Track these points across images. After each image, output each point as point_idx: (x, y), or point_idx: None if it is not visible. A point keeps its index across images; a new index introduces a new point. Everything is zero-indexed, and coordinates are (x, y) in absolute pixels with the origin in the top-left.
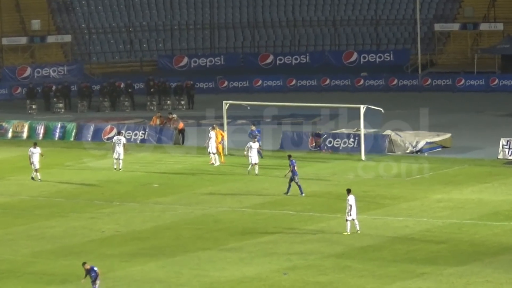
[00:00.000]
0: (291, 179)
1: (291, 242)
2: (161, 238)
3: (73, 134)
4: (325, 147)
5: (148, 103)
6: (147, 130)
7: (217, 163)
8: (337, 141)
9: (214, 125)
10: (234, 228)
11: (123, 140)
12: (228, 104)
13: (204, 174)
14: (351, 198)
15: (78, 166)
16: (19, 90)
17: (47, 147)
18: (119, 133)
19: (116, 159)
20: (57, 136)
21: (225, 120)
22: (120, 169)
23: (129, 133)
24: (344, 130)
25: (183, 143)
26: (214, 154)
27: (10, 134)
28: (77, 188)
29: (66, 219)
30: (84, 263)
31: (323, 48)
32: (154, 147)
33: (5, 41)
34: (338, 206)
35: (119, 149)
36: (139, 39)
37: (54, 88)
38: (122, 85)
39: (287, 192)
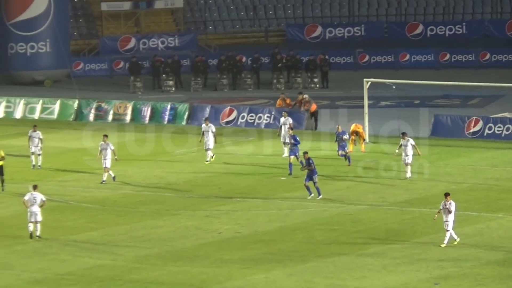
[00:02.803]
0: (313, 181)
1: (443, 247)
2: (289, 241)
3: (185, 117)
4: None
5: (275, 80)
6: (273, 112)
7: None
8: (499, 127)
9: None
10: (376, 229)
11: (212, 128)
12: (369, 83)
13: (341, 165)
14: (453, 204)
15: (191, 156)
16: (121, 64)
17: (155, 132)
18: (206, 120)
19: (206, 149)
20: (166, 119)
21: (365, 102)
22: (207, 161)
23: (252, 116)
24: (507, 114)
25: (316, 128)
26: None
27: (110, 117)
28: (189, 182)
29: (176, 218)
30: None
31: (483, 17)
32: None
33: (105, 6)
34: (500, 204)
35: (208, 139)
36: (264, 4)
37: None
38: (244, 59)
39: (319, 196)
